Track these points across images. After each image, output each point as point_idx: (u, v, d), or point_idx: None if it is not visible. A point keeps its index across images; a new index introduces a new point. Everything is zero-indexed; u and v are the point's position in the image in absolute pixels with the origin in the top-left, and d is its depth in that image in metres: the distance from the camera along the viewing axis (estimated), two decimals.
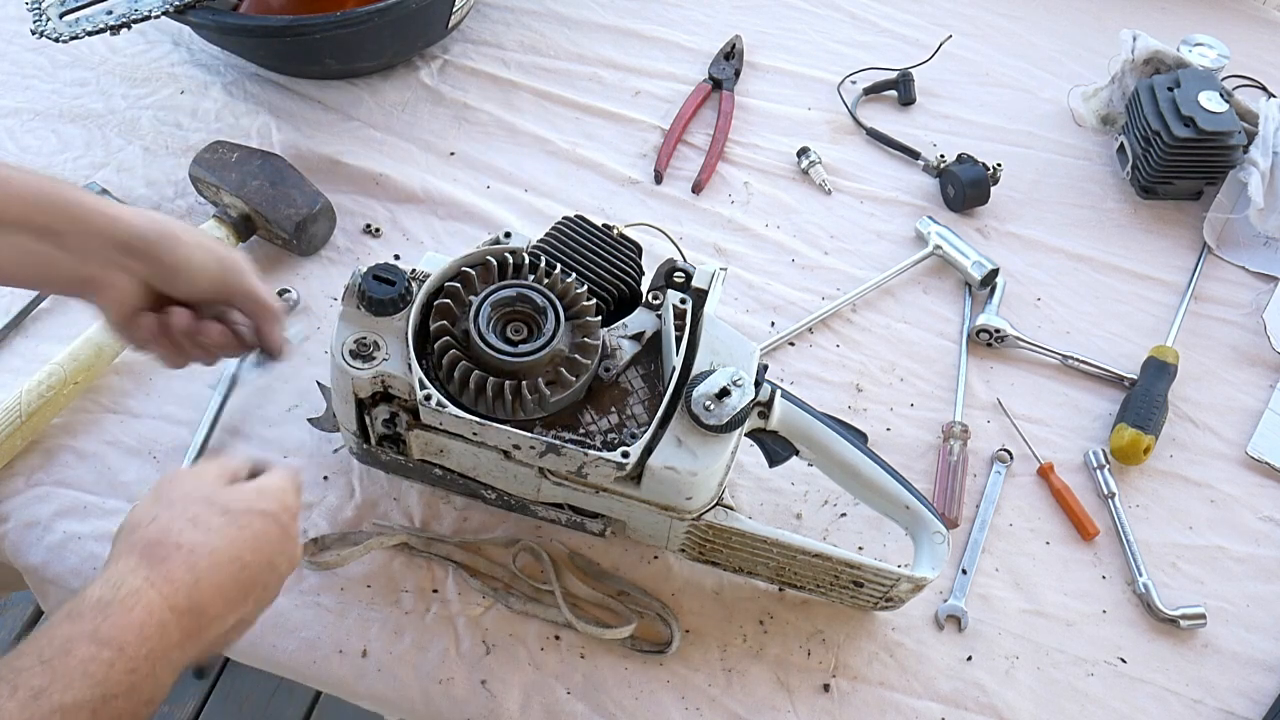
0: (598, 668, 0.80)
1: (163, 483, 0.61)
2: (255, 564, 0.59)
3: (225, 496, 0.60)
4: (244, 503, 0.60)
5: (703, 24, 1.27)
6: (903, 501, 0.77)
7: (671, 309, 0.75)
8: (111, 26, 1.00)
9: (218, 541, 0.57)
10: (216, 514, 0.59)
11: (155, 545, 0.56)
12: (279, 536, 0.61)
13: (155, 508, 0.59)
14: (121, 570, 0.55)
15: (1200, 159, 1.09)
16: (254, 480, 0.63)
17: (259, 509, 0.60)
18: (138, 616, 0.53)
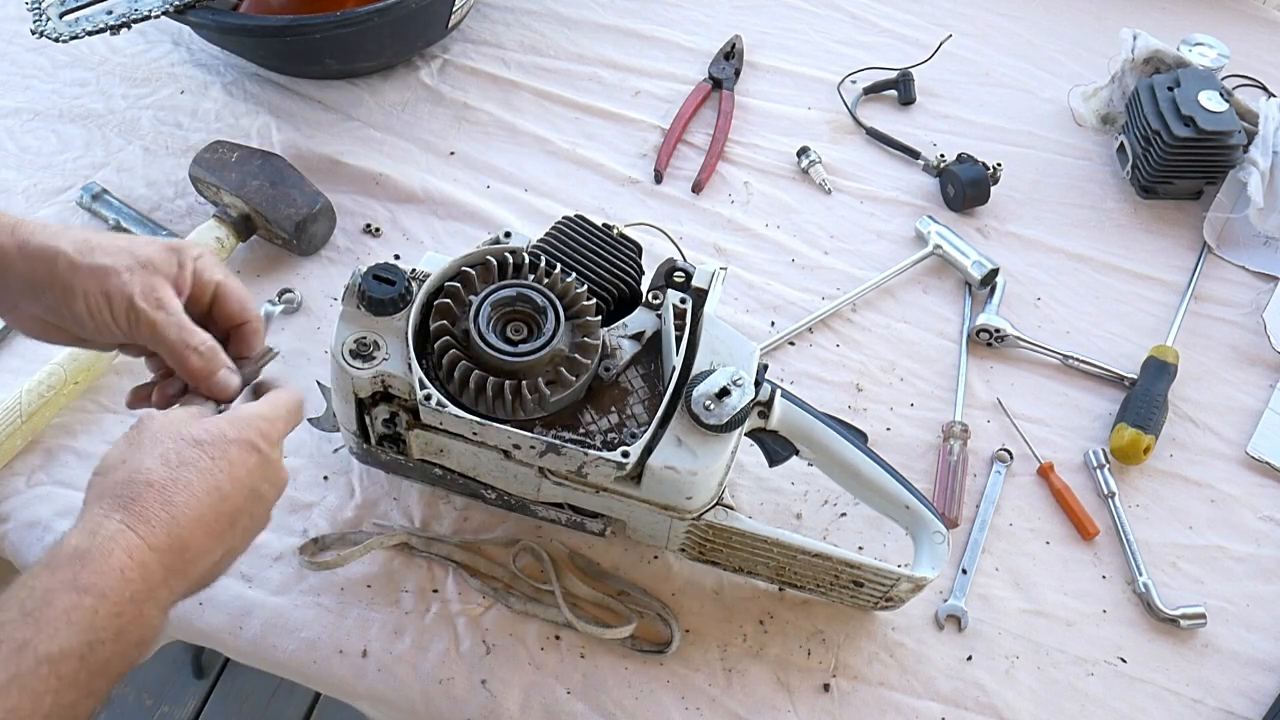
0: (598, 668, 0.80)
1: (132, 428, 0.59)
2: (235, 493, 0.57)
3: (194, 430, 0.58)
4: (215, 433, 0.58)
5: (703, 24, 1.27)
6: (903, 501, 0.77)
7: (671, 309, 0.75)
8: (111, 26, 1.01)
9: (190, 475, 0.56)
10: (187, 447, 0.57)
11: (126, 486, 0.54)
12: (258, 463, 0.59)
13: (124, 451, 0.57)
14: (96, 517, 0.53)
15: (1200, 159, 1.09)
16: (227, 412, 0.61)
17: (231, 437, 0.58)
18: (117, 560, 0.52)
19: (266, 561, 0.82)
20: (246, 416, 0.60)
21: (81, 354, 0.88)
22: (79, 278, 0.61)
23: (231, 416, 0.60)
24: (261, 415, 0.61)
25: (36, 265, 0.61)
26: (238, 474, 0.58)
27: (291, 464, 0.87)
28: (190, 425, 0.58)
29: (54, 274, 0.61)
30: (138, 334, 0.63)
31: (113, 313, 0.62)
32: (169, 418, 0.59)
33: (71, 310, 0.61)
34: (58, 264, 0.61)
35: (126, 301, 0.61)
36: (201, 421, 0.59)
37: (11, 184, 1.04)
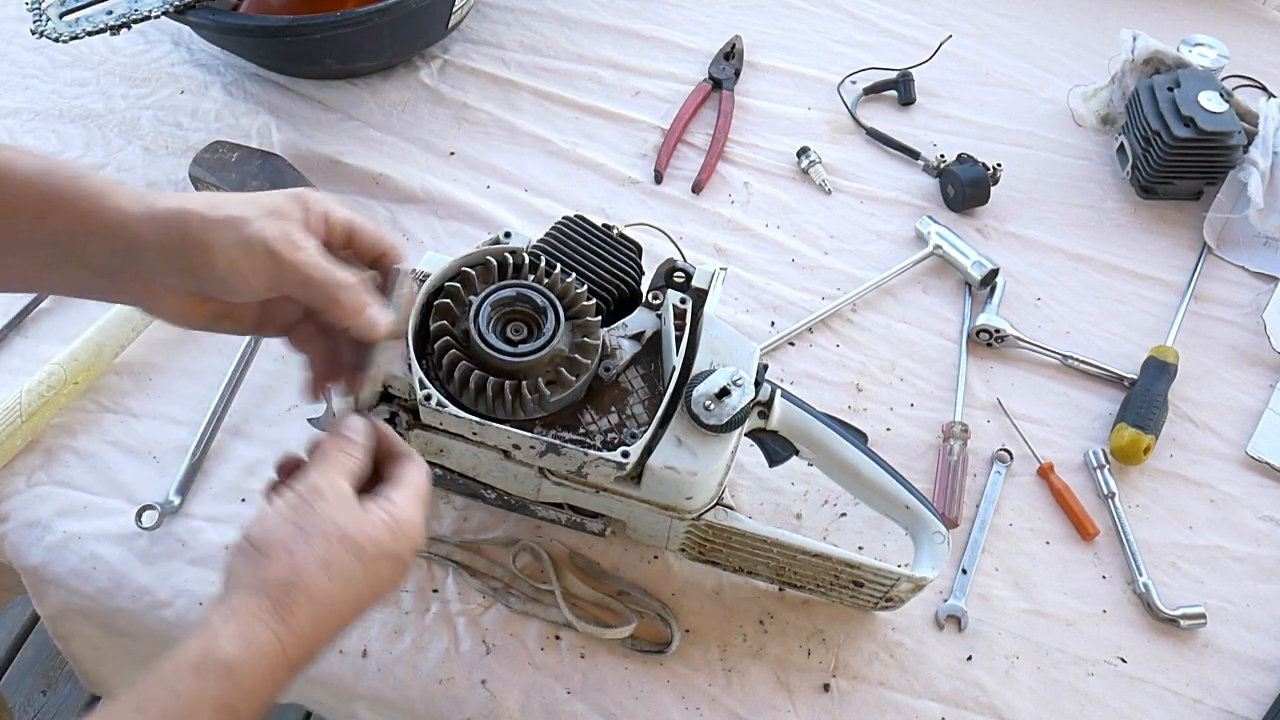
0: (598, 668, 0.80)
1: (298, 501, 0.57)
2: (369, 600, 0.58)
3: (360, 533, 0.57)
4: (377, 545, 0.57)
5: (703, 24, 1.27)
6: (903, 501, 0.77)
7: (671, 309, 0.75)
8: (111, 26, 1.01)
9: (347, 592, 0.56)
10: (350, 558, 0.56)
11: (287, 590, 0.54)
12: (399, 574, 0.60)
13: (290, 536, 0.56)
14: (250, 616, 0.53)
15: (1200, 159, 1.09)
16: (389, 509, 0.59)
17: (390, 551, 0.58)
18: (260, 677, 0.53)
19: None
20: (406, 526, 0.59)
21: (81, 354, 0.88)
22: (213, 232, 0.58)
23: (395, 523, 0.59)
24: (416, 525, 0.60)
25: (169, 228, 0.58)
26: (382, 588, 0.59)
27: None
28: (354, 527, 0.57)
29: (187, 233, 0.58)
30: (281, 281, 0.60)
31: (252, 263, 0.59)
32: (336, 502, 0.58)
33: (212, 268, 0.58)
34: (189, 222, 0.58)
35: (264, 248, 0.58)
36: (366, 524, 0.58)
37: None
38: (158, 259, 0.58)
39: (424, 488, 0.62)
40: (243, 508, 0.85)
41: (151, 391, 0.91)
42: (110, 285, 0.60)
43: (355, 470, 0.60)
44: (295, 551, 0.55)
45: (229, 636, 0.52)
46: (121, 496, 0.85)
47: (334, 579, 0.55)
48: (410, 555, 0.60)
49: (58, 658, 1.63)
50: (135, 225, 0.58)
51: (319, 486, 0.58)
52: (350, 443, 0.61)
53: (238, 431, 0.89)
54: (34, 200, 0.57)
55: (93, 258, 0.58)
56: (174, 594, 0.81)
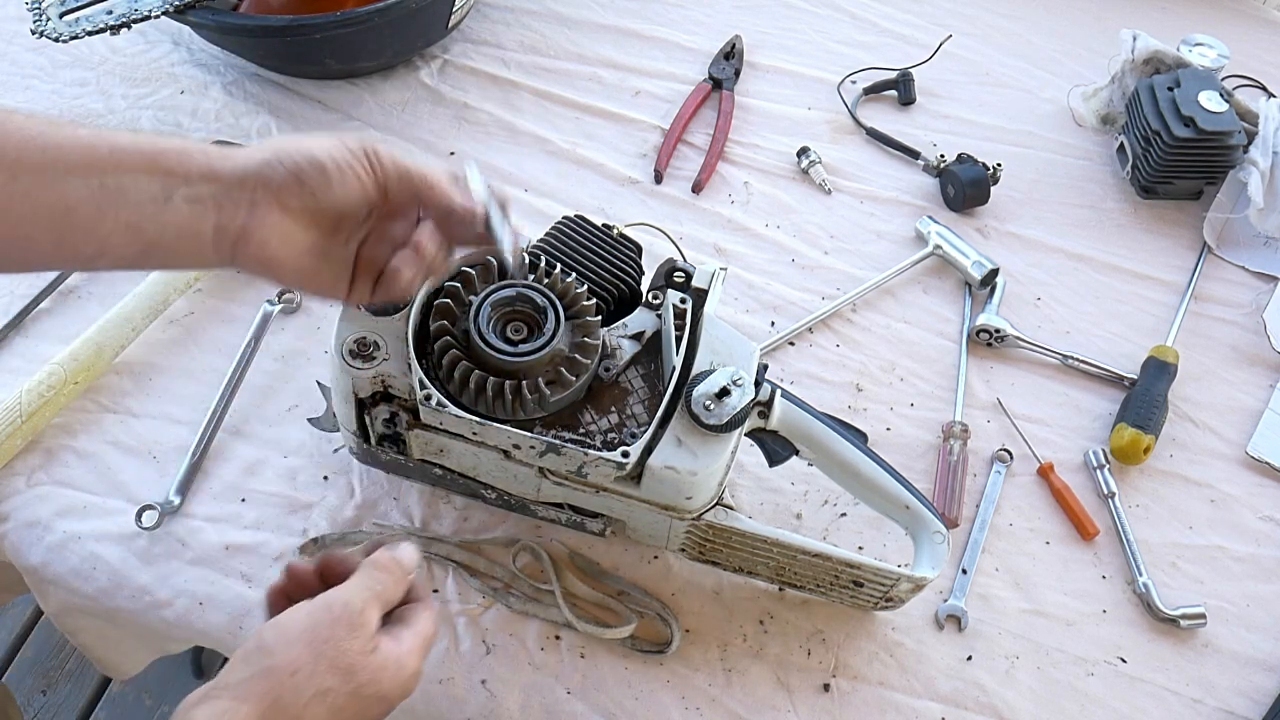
0: (598, 668, 0.80)
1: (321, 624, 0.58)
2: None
3: (364, 672, 0.58)
4: (375, 686, 0.58)
5: (703, 24, 1.27)
6: (903, 501, 0.77)
7: (671, 309, 0.75)
8: (111, 26, 1.01)
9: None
10: (346, 694, 0.57)
11: (280, 709, 0.55)
12: (384, 712, 0.60)
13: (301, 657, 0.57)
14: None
15: (1200, 159, 1.09)
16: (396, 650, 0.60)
17: (384, 693, 0.59)
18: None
19: (266, 561, 0.82)
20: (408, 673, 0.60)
21: (81, 354, 0.88)
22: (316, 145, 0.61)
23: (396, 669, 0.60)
24: (416, 674, 0.61)
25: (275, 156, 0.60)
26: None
27: (291, 464, 0.87)
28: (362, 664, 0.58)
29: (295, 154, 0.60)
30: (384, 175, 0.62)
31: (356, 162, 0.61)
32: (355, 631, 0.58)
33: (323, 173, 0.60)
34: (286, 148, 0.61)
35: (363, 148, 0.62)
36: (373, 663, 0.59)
37: None
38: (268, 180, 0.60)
39: (433, 637, 0.63)
40: (243, 508, 0.85)
41: (151, 391, 0.91)
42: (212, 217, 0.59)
43: (390, 601, 0.62)
44: (300, 672, 0.56)
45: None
46: (121, 496, 0.85)
47: (324, 711, 0.56)
48: (400, 699, 0.61)
49: (58, 657, 1.63)
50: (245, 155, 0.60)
51: (350, 608, 0.59)
52: (399, 570, 0.62)
53: (238, 431, 0.89)
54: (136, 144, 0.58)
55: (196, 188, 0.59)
56: (174, 594, 0.81)
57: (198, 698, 0.55)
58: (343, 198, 0.61)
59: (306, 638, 0.57)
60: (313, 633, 0.58)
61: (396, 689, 0.60)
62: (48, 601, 0.85)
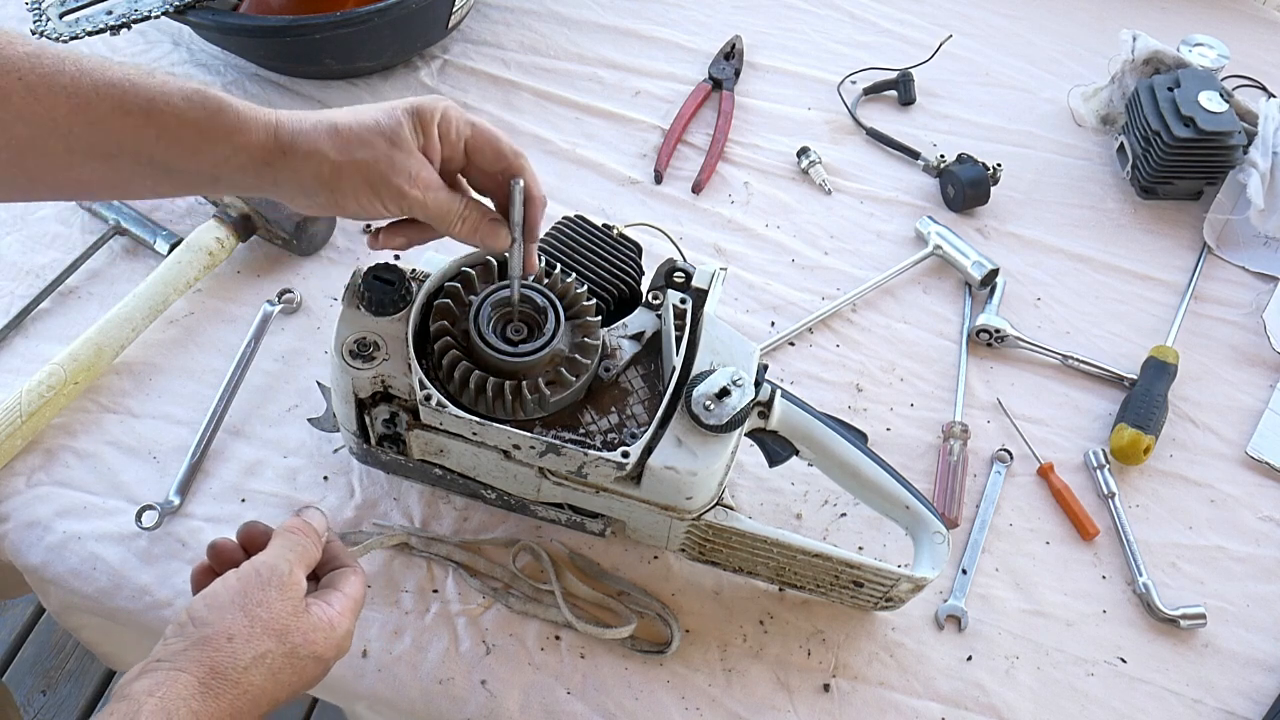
0: (598, 668, 0.80)
1: (253, 589, 0.61)
2: (287, 695, 0.61)
3: (298, 633, 0.60)
4: (310, 647, 0.61)
5: (703, 24, 1.27)
6: (903, 501, 0.77)
7: (671, 309, 0.75)
8: (111, 26, 1.01)
9: (272, 688, 0.59)
10: (283, 656, 0.59)
11: (217, 675, 0.57)
12: (317, 677, 0.63)
13: (236, 618, 0.59)
14: (175, 695, 0.55)
15: (1200, 159, 1.09)
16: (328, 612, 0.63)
17: (318, 653, 0.61)
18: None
19: None
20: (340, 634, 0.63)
21: (81, 354, 0.88)
22: (344, 179, 0.64)
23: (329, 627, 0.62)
24: (349, 633, 0.64)
25: (302, 171, 0.63)
26: (303, 683, 0.61)
27: (291, 464, 0.87)
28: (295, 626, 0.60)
29: (320, 178, 0.64)
30: (405, 210, 0.66)
31: (383, 202, 0.65)
32: (285, 603, 0.61)
33: (343, 209, 0.65)
34: (323, 170, 0.63)
35: (393, 190, 0.64)
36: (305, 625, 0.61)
37: None
38: (293, 191, 0.65)
39: (361, 599, 0.66)
40: (243, 508, 0.85)
41: (151, 391, 0.91)
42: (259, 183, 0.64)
43: (312, 561, 0.65)
44: (236, 637, 0.58)
45: (150, 711, 0.54)
46: (121, 496, 0.85)
47: (262, 674, 0.58)
48: (335, 657, 0.63)
49: (58, 657, 1.63)
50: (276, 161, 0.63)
51: (278, 571, 0.62)
52: (312, 532, 0.66)
53: (238, 431, 0.89)
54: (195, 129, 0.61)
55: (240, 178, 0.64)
56: (174, 594, 0.81)
57: (135, 673, 0.57)
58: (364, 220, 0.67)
59: (239, 603, 0.60)
60: (244, 597, 0.60)
61: (331, 649, 0.62)
62: (49, 601, 0.85)
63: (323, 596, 0.64)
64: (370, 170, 0.64)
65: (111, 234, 0.99)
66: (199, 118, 0.60)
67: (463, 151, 0.68)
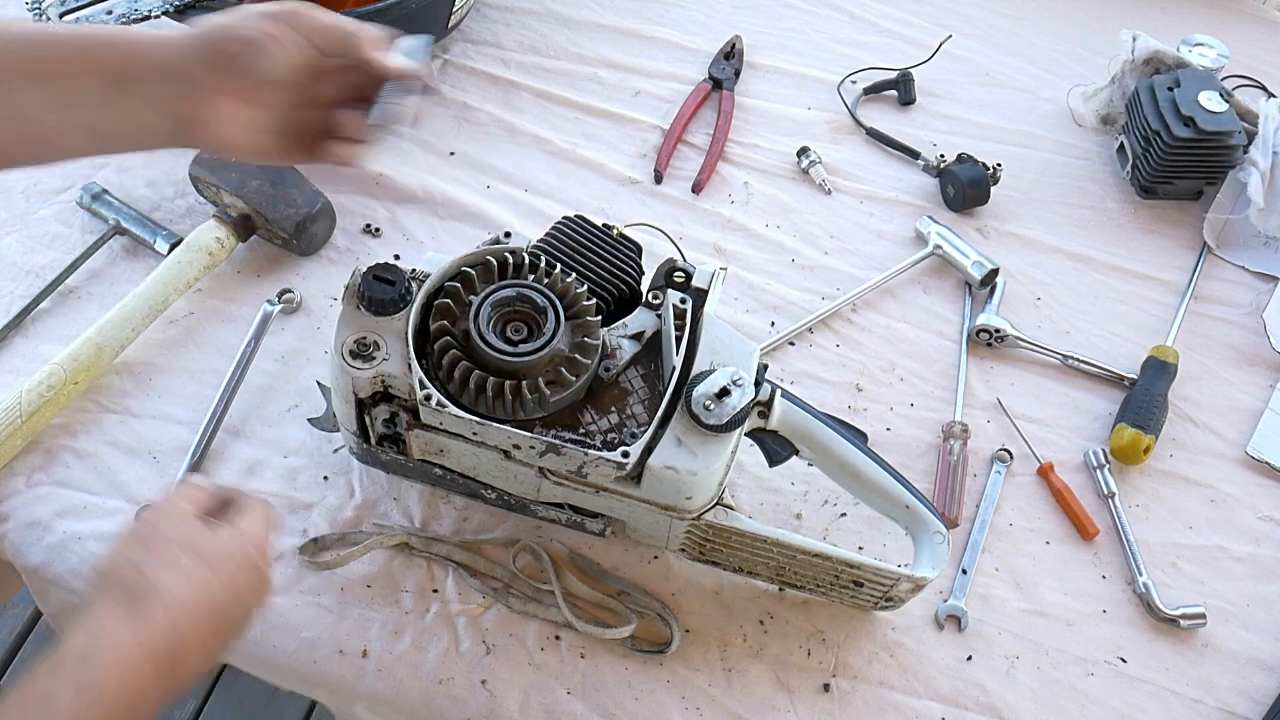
0: (598, 668, 0.80)
1: (140, 524, 0.62)
2: (227, 604, 0.60)
3: (201, 541, 0.61)
4: (224, 551, 0.61)
5: (703, 24, 1.27)
6: (903, 501, 0.77)
7: (671, 309, 0.75)
8: None
9: (193, 589, 0.58)
10: (199, 564, 0.59)
11: (135, 594, 0.57)
12: (250, 575, 0.62)
13: (134, 550, 0.60)
14: (102, 619, 0.56)
15: (1200, 159, 1.09)
16: (227, 520, 0.64)
17: (239, 557, 0.62)
18: (116, 668, 0.54)
19: None
20: (249, 533, 0.63)
21: (81, 354, 0.88)
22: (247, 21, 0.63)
23: (236, 533, 0.63)
24: (257, 531, 0.64)
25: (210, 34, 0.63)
26: (234, 589, 0.61)
27: (291, 464, 0.87)
28: (199, 537, 0.61)
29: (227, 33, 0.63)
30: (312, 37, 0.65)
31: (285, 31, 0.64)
32: (176, 520, 0.62)
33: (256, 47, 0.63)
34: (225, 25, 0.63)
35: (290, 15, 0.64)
36: (211, 536, 0.61)
37: (11, 184, 1.04)
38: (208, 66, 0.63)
39: (266, 512, 0.66)
40: None
41: (151, 391, 0.91)
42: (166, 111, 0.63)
43: (199, 500, 0.64)
44: (141, 565, 0.58)
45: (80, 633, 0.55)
46: (121, 496, 0.85)
47: (181, 578, 0.58)
48: (264, 564, 0.63)
49: None
50: (180, 43, 0.63)
51: (162, 509, 0.63)
52: (194, 484, 0.66)
53: (238, 431, 0.89)
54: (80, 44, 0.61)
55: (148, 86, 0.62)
56: None
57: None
58: (281, 68, 0.64)
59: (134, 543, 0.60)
60: (135, 540, 0.61)
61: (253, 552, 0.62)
62: (47, 602, 0.85)
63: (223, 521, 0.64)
64: (265, 9, 0.64)
65: (111, 234, 0.99)
66: None
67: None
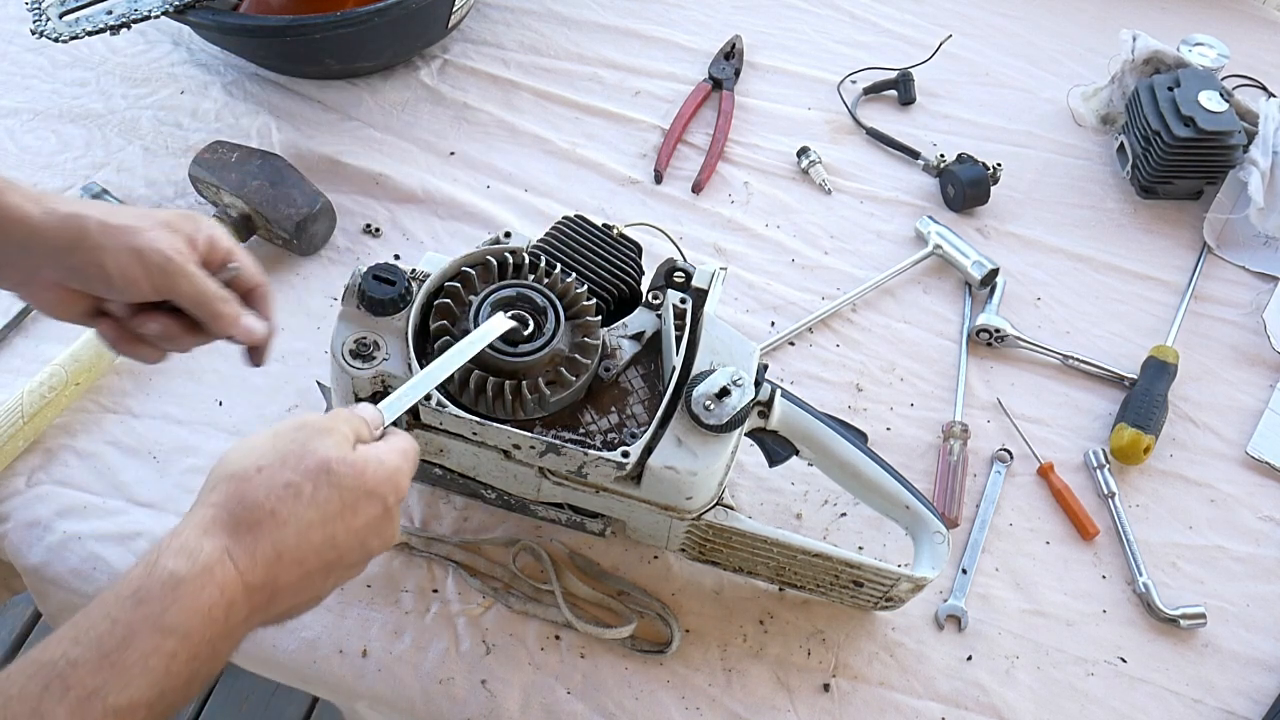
0: (598, 668, 0.80)
1: (286, 428, 0.56)
2: (346, 543, 0.54)
3: (339, 462, 0.54)
4: (356, 478, 0.55)
5: (703, 24, 1.27)
6: (903, 501, 0.77)
7: (671, 309, 0.75)
8: (111, 26, 1.01)
9: (314, 516, 0.53)
10: (325, 485, 0.53)
11: (249, 509, 0.51)
12: (379, 517, 0.56)
13: (266, 456, 0.54)
14: (199, 529, 0.50)
15: (1200, 159, 1.09)
16: (374, 449, 0.57)
17: (370, 488, 0.55)
18: (207, 597, 0.49)
19: None
20: (389, 468, 0.57)
21: (82, 354, 0.88)
22: (109, 236, 0.63)
23: (376, 465, 0.56)
24: (400, 469, 0.58)
25: (66, 228, 0.62)
26: (357, 525, 0.55)
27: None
28: (337, 456, 0.55)
29: (85, 234, 0.62)
30: (168, 286, 0.64)
31: (145, 267, 0.63)
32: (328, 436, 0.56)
33: (101, 268, 0.63)
34: (88, 225, 0.62)
35: (160, 256, 0.63)
36: (348, 456, 0.55)
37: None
38: (50, 255, 0.63)
39: (410, 447, 0.60)
40: None
41: (151, 391, 0.91)
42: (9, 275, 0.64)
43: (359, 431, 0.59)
44: (265, 468, 0.53)
45: (173, 551, 0.50)
46: (121, 496, 0.85)
47: (305, 503, 0.53)
48: (394, 501, 0.57)
49: None
50: (33, 222, 0.62)
51: (310, 421, 0.57)
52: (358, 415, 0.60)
53: (238, 432, 0.89)
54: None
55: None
56: None
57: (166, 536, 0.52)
58: (118, 298, 0.65)
59: (270, 441, 0.55)
60: (277, 436, 0.55)
61: (384, 483, 0.56)
62: (46, 603, 0.85)
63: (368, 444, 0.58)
64: (139, 235, 0.63)
65: None
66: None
67: (220, 263, 0.68)
